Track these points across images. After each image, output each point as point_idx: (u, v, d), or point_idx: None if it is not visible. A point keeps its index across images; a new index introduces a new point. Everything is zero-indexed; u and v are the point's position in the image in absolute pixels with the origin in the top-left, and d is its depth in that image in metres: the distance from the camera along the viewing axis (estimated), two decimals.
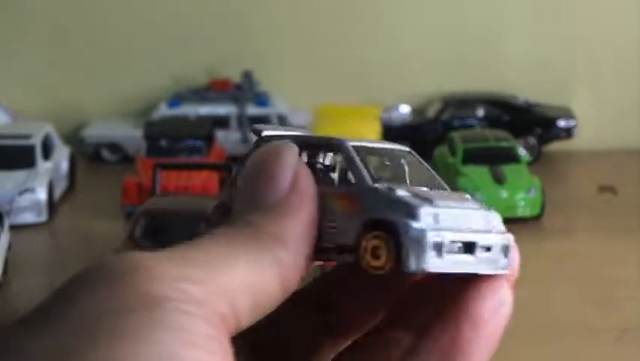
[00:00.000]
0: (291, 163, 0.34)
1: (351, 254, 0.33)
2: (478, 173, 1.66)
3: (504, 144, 1.49)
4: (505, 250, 0.33)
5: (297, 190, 0.34)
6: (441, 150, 1.93)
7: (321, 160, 0.38)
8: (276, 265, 0.32)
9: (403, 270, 0.33)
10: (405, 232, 0.33)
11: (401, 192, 0.35)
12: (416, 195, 0.35)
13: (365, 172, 0.36)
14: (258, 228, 0.32)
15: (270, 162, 0.35)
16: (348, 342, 0.39)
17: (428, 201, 0.34)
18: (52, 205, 1.38)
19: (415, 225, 0.33)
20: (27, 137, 1.45)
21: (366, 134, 1.85)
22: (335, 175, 0.37)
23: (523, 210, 1.30)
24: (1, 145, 1.43)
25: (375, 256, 0.33)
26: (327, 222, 0.34)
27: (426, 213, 0.33)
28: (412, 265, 0.33)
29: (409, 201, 0.34)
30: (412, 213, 0.34)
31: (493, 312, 0.33)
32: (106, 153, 1.71)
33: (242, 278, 0.30)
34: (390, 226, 0.33)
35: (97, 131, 1.72)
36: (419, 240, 0.33)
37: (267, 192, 0.34)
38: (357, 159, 0.37)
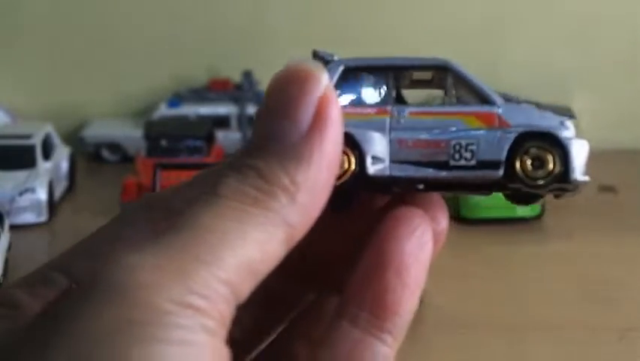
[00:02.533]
0: (317, 92, 0.30)
1: (497, 169, 0.34)
2: None
3: None
4: None
5: (320, 125, 0.29)
6: None
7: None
8: (282, 230, 0.29)
9: (568, 180, 0.35)
10: (569, 142, 0.35)
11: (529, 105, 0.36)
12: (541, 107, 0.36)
13: (492, 91, 0.36)
14: (263, 178, 0.28)
15: (288, 90, 0.30)
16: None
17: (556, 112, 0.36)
18: (52, 205, 1.38)
19: (573, 136, 0.35)
20: (27, 137, 1.45)
21: None
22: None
23: (523, 210, 1.30)
24: (1, 145, 1.43)
25: (534, 167, 0.34)
26: (458, 141, 0.34)
27: (570, 124, 0.36)
28: (576, 175, 0.35)
29: (555, 115, 0.36)
30: (564, 124, 0.35)
31: (415, 254, 0.33)
32: (106, 153, 1.71)
33: (244, 263, 0.27)
34: (552, 137, 0.35)
35: (97, 131, 1.72)
36: (583, 151, 0.36)
37: (280, 132, 0.29)
38: (473, 78, 0.37)
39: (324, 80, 0.30)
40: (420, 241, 0.33)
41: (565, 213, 1.35)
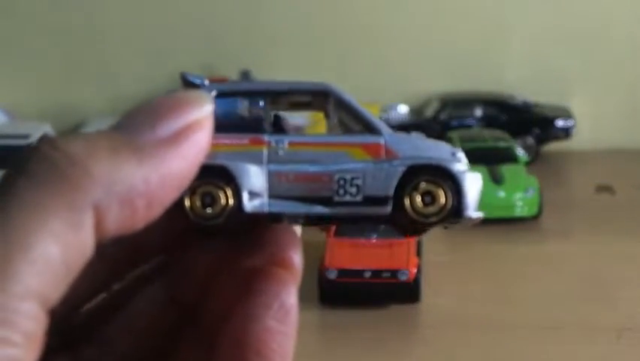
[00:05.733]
0: (192, 115, 0.28)
1: (385, 205, 0.31)
2: None
3: (502, 144, 1.49)
4: None
5: (175, 141, 0.27)
6: None
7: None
8: (89, 215, 0.24)
9: (461, 216, 0.31)
10: (461, 176, 0.32)
11: (419, 136, 0.34)
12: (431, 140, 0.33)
13: (375, 117, 0.32)
14: (78, 158, 0.25)
15: (169, 103, 0.28)
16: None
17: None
18: None
19: (465, 169, 0.32)
20: (25, 137, 1.45)
21: None
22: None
23: (521, 210, 1.30)
24: None
25: (425, 203, 0.31)
26: (342, 175, 0.31)
27: (462, 156, 0.32)
28: (469, 212, 0.32)
29: (446, 145, 0.32)
30: (456, 156, 0.32)
31: (274, 329, 0.31)
32: None
33: (43, 265, 0.23)
34: (443, 171, 0.32)
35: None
36: (476, 185, 0.32)
37: (135, 126, 0.27)
38: (355, 104, 0.33)
39: (206, 110, 0.29)
40: (278, 315, 0.31)
41: (562, 213, 1.35)
